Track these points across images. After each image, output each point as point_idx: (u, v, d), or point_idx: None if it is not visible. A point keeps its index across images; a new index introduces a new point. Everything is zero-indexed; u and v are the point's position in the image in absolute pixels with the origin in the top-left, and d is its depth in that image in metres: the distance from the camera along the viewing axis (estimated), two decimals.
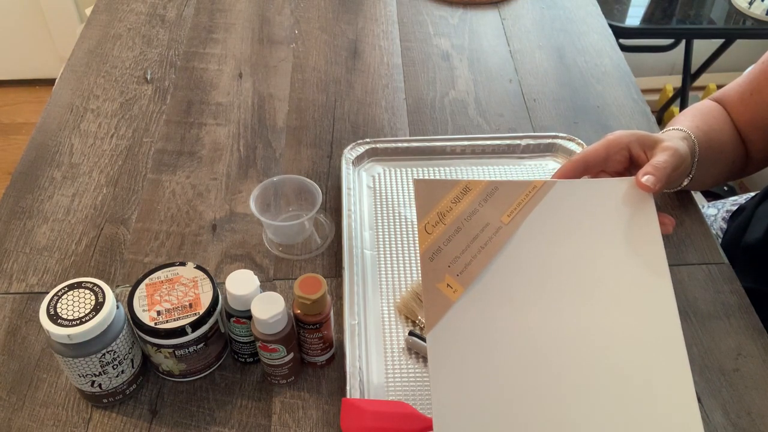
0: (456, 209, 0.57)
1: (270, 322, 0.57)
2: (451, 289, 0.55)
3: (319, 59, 1.02)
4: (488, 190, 0.58)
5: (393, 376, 0.63)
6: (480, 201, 0.57)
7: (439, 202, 0.57)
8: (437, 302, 0.54)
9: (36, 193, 0.81)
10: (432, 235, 0.56)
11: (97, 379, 0.58)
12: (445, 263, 0.55)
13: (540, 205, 0.57)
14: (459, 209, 0.57)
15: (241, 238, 0.76)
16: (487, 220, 0.57)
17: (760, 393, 0.63)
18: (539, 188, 0.58)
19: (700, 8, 1.62)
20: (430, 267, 0.55)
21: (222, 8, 1.11)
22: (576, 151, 0.83)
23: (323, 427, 0.61)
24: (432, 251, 0.56)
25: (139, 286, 0.60)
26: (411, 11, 1.13)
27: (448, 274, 0.55)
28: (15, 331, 0.68)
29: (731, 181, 0.86)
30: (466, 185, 0.58)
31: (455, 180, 0.59)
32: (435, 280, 0.55)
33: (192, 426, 0.61)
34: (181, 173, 0.84)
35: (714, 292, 0.72)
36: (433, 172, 0.83)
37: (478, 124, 0.91)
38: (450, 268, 0.55)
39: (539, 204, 0.57)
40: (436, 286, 0.55)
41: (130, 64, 1.00)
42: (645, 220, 0.57)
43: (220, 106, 0.93)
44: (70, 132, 0.89)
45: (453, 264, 0.55)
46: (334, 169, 0.84)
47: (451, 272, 0.55)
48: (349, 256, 0.72)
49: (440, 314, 0.54)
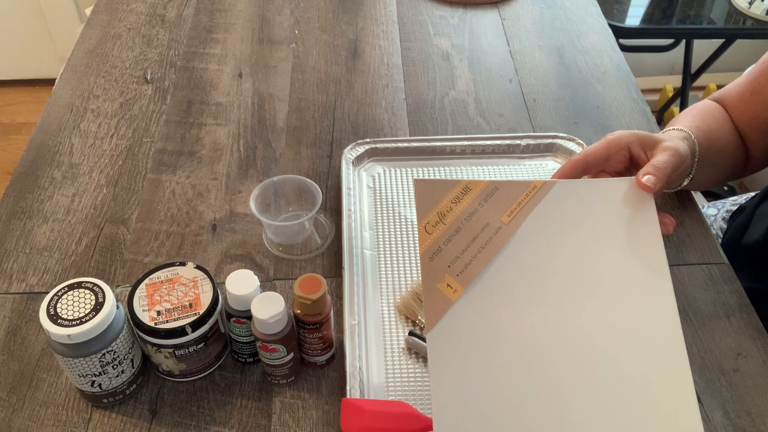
0: (456, 209, 0.57)
1: (270, 322, 0.57)
2: (451, 289, 0.55)
3: (319, 59, 1.02)
4: (488, 190, 0.58)
5: (393, 376, 0.63)
6: (480, 201, 0.57)
7: (439, 202, 0.57)
8: (437, 302, 0.54)
9: (36, 193, 0.81)
10: (432, 235, 0.56)
11: (97, 379, 0.58)
12: (445, 263, 0.55)
13: (540, 205, 0.57)
14: (459, 209, 0.57)
15: (241, 238, 0.76)
16: (487, 220, 0.57)
17: (760, 393, 0.63)
18: (539, 188, 0.58)
19: (700, 8, 1.62)
20: (430, 267, 0.55)
21: (222, 8, 1.11)
22: (576, 151, 0.83)
23: (323, 427, 0.61)
24: (432, 251, 0.56)
25: (139, 286, 0.60)
26: (411, 11, 1.13)
27: (448, 274, 0.55)
28: (15, 331, 0.68)
29: (731, 181, 0.86)
30: (466, 185, 0.58)
31: (455, 180, 0.59)
32: (435, 280, 0.55)
33: (192, 426, 0.61)
34: (181, 173, 0.84)
35: (714, 292, 0.72)
36: (433, 172, 0.83)
37: (478, 124, 0.91)
38: (450, 268, 0.55)
39: (539, 204, 0.57)
40: (436, 286, 0.55)
41: (130, 64, 1.00)
42: (645, 220, 0.57)
43: (220, 106, 0.93)
44: (70, 132, 0.89)
45: (453, 264, 0.55)
46: (334, 169, 0.84)
47: (451, 272, 0.55)
48: (349, 256, 0.72)
49: (440, 314, 0.54)
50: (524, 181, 0.58)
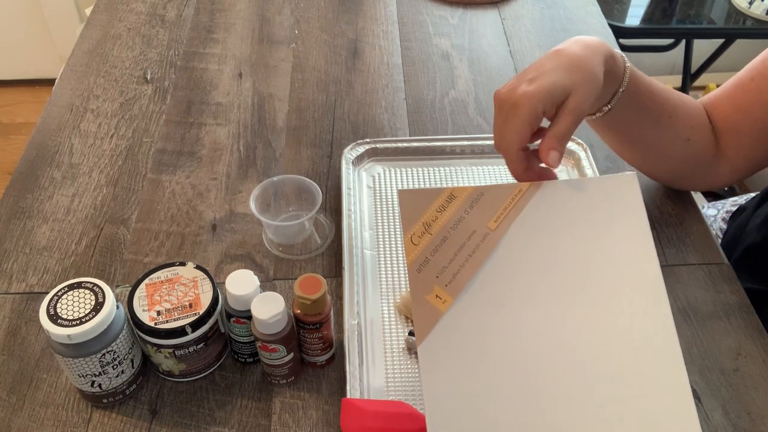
0: (441, 218, 0.56)
1: (270, 322, 0.57)
2: (441, 300, 0.54)
3: (319, 59, 1.02)
4: (474, 197, 0.57)
5: (393, 376, 0.63)
6: (466, 208, 0.56)
7: (424, 211, 0.56)
8: (426, 314, 0.53)
9: (36, 193, 0.81)
10: (418, 246, 0.55)
11: (97, 379, 0.58)
12: (433, 274, 0.54)
13: (526, 209, 0.56)
14: (445, 218, 0.56)
15: (241, 238, 0.76)
16: (474, 227, 0.56)
17: (760, 393, 0.63)
18: (524, 191, 0.57)
19: (700, 8, 1.62)
20: (418, 279, 0.54)
21: (222, 8, 1.11)
22: (576, 152, 0.83)
23: (323, 427, 0.61)
24: (419, 263, 0.55)
25: (139, 286, 0.60)
26: (411, 11, 1.13)
27: (437, 285, 0.54)
28: (15, 331, 0.68)
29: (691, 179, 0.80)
30: (450, 193, 0.57)
31: (440, 188, 0.57)
32: (424, 292, 0.54)
33: (192, 426, 0.61)
34: (181, 173, 0.84)
35: (714, 292, 0.72)
36: (433, 172, 0.83)
37: (478, 124, 0.91)
38: (438, 278, 0.54)
39: (525, 208, 0.56)
40: (425, 298, 0.54)
41: (130, 64, 1.00)
42: (634, 217, 0.56)
43: (220, 106, 0.93)
44: (70, 132, 0.89)
45: (441, 274, 0.54)
46: (334, 169, 0.84)
47: (440, 283, 0.54)
48: (349, 256, 0.72)
49: (430, 326, 0.53)
50: (509, 185, 0.57)
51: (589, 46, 0.61)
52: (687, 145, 0.73)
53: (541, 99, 0.56)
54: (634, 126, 0.71)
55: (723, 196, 1.61)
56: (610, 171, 0.84)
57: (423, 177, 0.82)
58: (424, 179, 0.82)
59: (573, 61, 0.58)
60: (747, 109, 0.73)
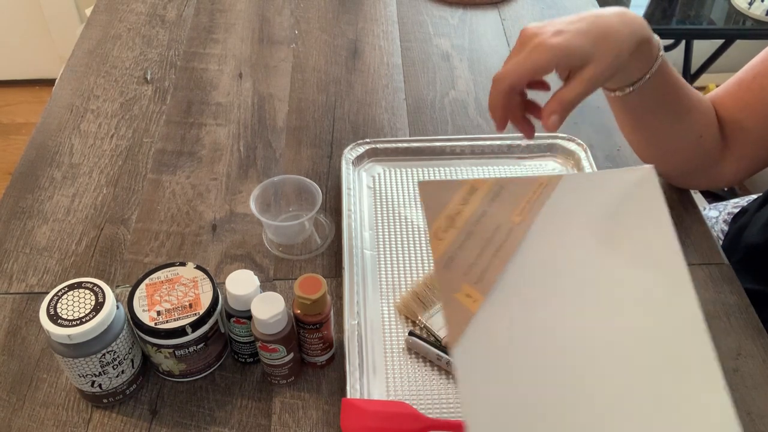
0: (465, 211, 0.54)
1: (270, 322, 0.57)
2: (471, 299, 0.51)
3: (319, 59, 1.02)
4: (495, 189, 0.55)
5: (393, 376, 0.63)
6: (488, 201, 0.55)
7: (447, 204, 0.54)
8: (457, 314, 0.51)
9: (36, 193, 0.81)
10: (444, 241, 0.53)
11: (97, 379, 0.58)
12: (461, 271, 0.52)
13: (549, 202, 0.55)
14: (468, 211, 0.54)
15: (241, 238, 0.76)
16: (498, 221, 0.54)
17: (760, 393, 0.63)
18: (546, 184, 0.56)
19: (700, 8, 1.62)
20: (445, 276, 0.52)
21: (222, 8, 1.11)
22: (576, 152, 0.83)
23: (323, 427, 0.61)
24: (445, 259, 0.52)
25: (139, 286, 0.60)
26: (411, 11, 1.13)
27: (465, 283, 0.52)
28: (15, 331, 0.68)
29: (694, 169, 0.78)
30: (472, 185, 0.55)
31: (461, 180, 0.56)
32: (452, 290, 0.51)
33: (192, 426, 0.61)
34: (181, 173, 0.84)
35: (714, 292, 0.72)
36: (433, 172, 0.83)
37: (478, 124, 0.91)
38: (466, 276, 0.52)
39: (548, 201, 0.55)
40: (454, 296, 0.51)
41: (130, 65, 1.00)
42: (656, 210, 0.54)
43: (220, 106, 0.93)
44: (70, 132, 0.89)
45: (469, 272, 0.52)
46: (334, 169, 0.84)
47: (468, 280, 0.52)
48: (349, 256, 0.72)
49: (462, 327, 0.50)
50: (529, 178, 0.56)
51: (628, 22, 0.60)
52: (699, 141, 0.73)
53: (556, 55, 0.56)
54: (653, 114, 0.70)
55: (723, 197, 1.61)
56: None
57: (423, 177, 0.82)
58: (424, 179, 0.82)
59: (604, 31, 0.58)
60: (751, 107, 0.73)
